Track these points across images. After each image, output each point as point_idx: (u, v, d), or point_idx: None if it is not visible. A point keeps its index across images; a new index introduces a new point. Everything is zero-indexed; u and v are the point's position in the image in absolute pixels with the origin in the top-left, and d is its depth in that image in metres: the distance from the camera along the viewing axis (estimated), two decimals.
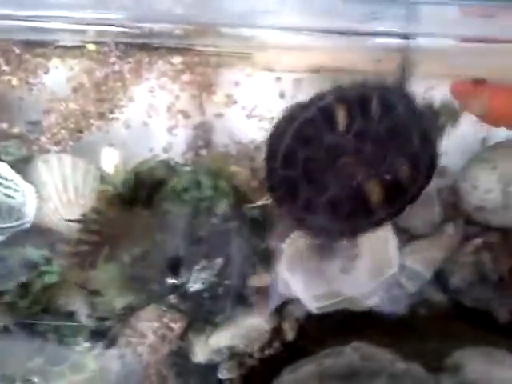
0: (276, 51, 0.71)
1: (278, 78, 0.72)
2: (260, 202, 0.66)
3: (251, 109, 0.72)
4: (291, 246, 0.69)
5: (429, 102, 0.63)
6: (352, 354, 0.58)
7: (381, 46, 0.69)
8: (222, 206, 0.63)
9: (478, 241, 0.69)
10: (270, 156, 0.62)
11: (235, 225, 0.65)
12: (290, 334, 0.70)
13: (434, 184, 0.71)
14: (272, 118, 0.71)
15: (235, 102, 0.72)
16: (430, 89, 0.72)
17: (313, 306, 0.67)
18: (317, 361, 0.59)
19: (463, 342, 0.62)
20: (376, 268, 0.69)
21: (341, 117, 0.59)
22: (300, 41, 0.69)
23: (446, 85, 0.71)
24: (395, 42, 0.69)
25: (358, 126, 0.59)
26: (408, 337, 0.66)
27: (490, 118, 0.68)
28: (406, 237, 0.71)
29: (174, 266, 0.62)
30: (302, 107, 0.61)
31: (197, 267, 0.65)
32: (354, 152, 0.59)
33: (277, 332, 0.70)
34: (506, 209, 0.68)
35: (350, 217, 0.61)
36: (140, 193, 0.62)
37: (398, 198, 0.61)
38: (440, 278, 0.70)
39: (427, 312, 0.70)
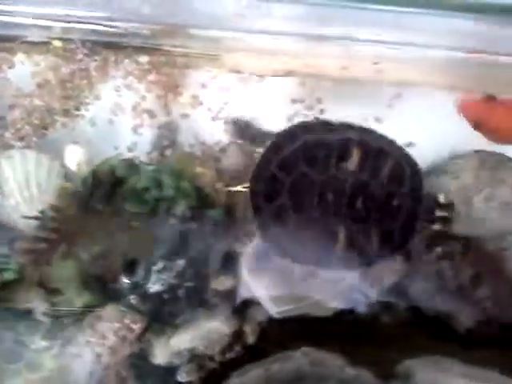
0: (244, 54, 0.71)
1: (246, 80, 0.72)
2: (240, 187, 0.66)
3: (217, 111, 0.72)
4: (254, 249, 0.69)
5: (435, 194, 0.64)
6: (301, 358, 0.58)
7: (350, 53, 0.69)
8: (181, 207, 0.63)
9: (439, 250, 0.70)
10: (271, 150, 0.62)
11: (195, 226, 0.65)
12: (250, 338, 0.69)
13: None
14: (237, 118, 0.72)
15: (201, 104, 0.72)
16: (395, 96, 0.73)
17: (274, 310, 0.67)
18: (265, 365, 0.58)
19: (420, 351, 0.63)
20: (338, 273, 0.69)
21: (355, 158, 0.60)
22: (269, 44, 0.70)
23: (412, 93, 0.73)
24: (365, 48, 0.70)
25: (363, 177, 0.60)
26: (366, 344, 0.65)
27: (498, 135, 0.68)
28: None
29: (129, 266, 0.62)
30: (327, 126, 0.62)
31: (156, 268, 0.65)
32: (348, 195, 0.60)
33: (238, 335, 0.69)
34: (466, 218, 0.68)
35: (313, 246, 0.62)
36: (98, 191, 0.62)
37: (361, 256, 0.62)
38: (401, 285, 0.70)
39: (389, 319, 0.70)
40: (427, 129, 0.71)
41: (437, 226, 0.65)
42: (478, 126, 0.67)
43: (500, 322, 0.68)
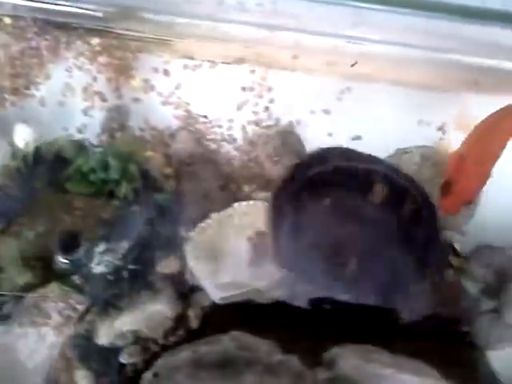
0: (197, 40, 0.71)
1: (197, 67, 0.72)
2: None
3: (167, 95, 0.72)
4: (200, 234, 0.70)
5: (451, 242, 0.67)
6: (229, 342, 0.59)
7: (297, 42, 0.70)
8: (124, 189, 0.63)
9: None
10: (298, 168, 0.63)
11: (140, 209, 0.65)
12: (194, 322, 0.70)
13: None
14: (187, 104, 0.72)
15: (152, 88, 0.72)
16: (345, 90, 0.74)
17: (217, 295, 0.68)
18: (193, 347, 0.59)
19: (357, 341, 0.63)
20: None
21: (379, 191, 0.61)
22: (221, 32, 0.70)
23: (362, 88, 0.74)
24: (313, 38, 0.70)
25: (386, 210, 0.61)
26: (305, 331, 0.66)
27: None
28: None
29: (66, 245, 0.62)
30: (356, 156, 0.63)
31: (99, 249, 0.65)
32: (370, 226, 0.61)
33: (182, 319, 0.70)
34: None
35: (328, 270, 0.63)
36: (40, 169, 0.62)
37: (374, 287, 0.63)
38: None
39: (332, 309, 0.71)
40: (375, 123, 0.73)
41: (450, 273, 0.67)
42: None
43: (439, 316, 0.70)
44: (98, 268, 0.66)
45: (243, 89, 0.72)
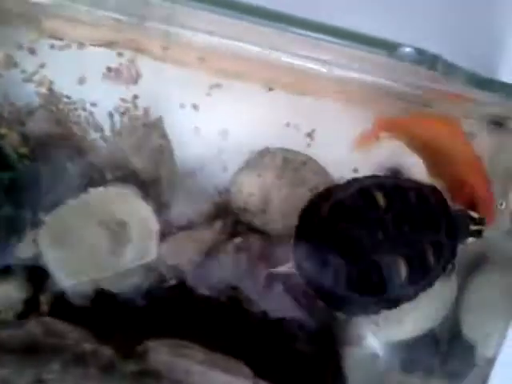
0: (65, 20, 0.69)
1: (65, 47, 0.71)
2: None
3: (31, 73, 0.70)
4: (53, 219, 0.68)
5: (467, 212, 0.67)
6: (34, 327, 0.58)
7: (168, 34, 0.69)
8: None
9: (238, 241, 0.71)
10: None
11: None
12: (45, 307, 0.69)
13: (211, 180, 0.74)
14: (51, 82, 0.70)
15: (16, 65, 0.70)
16: (215, 86, 0.73)
17: (65, 282, 0.67)
18: None
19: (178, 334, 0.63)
20: (138, 253, 0.69)
21: (382, 201, 0.61)
22: (91, 14, 0.68)
23: (232, 86, 0.73)
24: (186, 33, 0.69)
25: (396, 208, 0.61)
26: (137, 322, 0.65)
27: None
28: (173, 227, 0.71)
29: None
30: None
31: None
32: (390, 230, 0.60)
33: (33, 304, 0.68)
34: (264, 213, 0.70)
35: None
36: None
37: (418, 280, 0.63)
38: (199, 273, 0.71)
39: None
40: (243, 122, 0.73)
41: (471, 240, 0.67)
42: None
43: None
44: None
45: (110, 72, 0.71)
